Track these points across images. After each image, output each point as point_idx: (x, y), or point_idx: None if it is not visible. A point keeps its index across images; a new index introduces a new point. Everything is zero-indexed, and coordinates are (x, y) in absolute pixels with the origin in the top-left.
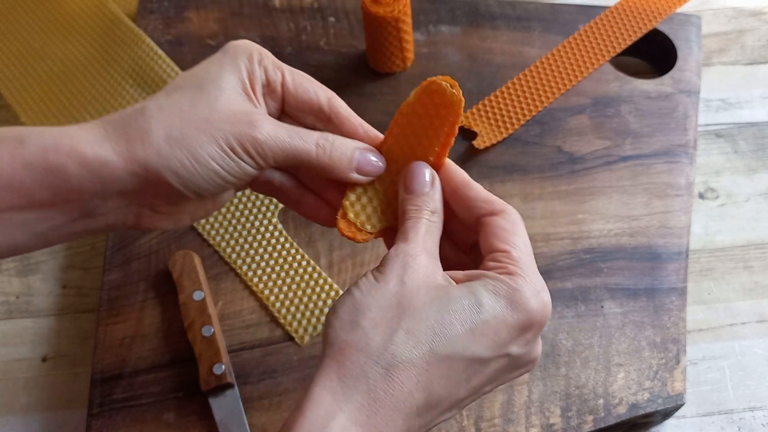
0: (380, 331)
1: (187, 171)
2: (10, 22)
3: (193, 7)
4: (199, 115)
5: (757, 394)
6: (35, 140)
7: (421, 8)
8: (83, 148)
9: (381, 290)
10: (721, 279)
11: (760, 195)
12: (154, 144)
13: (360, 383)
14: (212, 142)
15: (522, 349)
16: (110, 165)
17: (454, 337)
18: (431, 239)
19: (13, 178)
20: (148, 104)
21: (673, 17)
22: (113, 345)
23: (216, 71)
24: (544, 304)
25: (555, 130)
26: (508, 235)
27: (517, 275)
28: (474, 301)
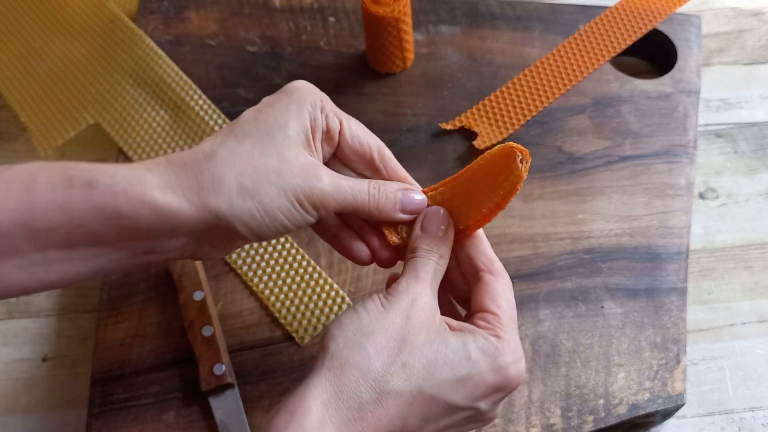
0: (381, 358)
1: (255, 221)
2: (10, 22)
3: (193, 7)
4: (269, 166)
5: (757, 394)
6: (106, 184)
7: (421, 8)
8: (154, 194)
9: (388, 319)
10: (721, 279)
11: (760, 195)
12: (226, 194)
13: (353, 401)
14: (282, 195)
15: (489, 406)
16: (181, 212)
17: (442, 381)
18: (436, 282)
19: (83, 220)
20: (219, 150)
21: (673, 17)
22: (113, 345)
23: (283, 118)
24: (520, 373)
25: (555, 130)
26: (499, 299)
27: (502, 339)
28: (464, 354)
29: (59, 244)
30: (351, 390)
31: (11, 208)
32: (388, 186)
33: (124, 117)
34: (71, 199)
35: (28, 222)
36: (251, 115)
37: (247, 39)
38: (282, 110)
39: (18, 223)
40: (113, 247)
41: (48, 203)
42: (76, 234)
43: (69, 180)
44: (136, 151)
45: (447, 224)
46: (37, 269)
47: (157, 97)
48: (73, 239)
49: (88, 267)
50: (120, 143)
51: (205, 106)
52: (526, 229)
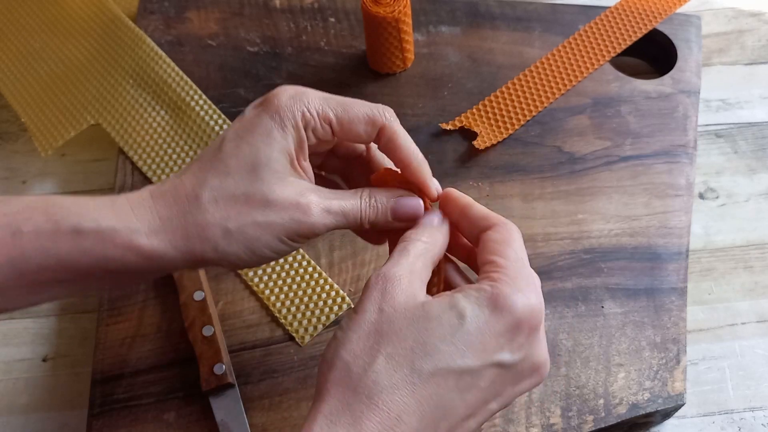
0: (360, 361)
1: (241, 260)
2: (10, 22)
3: (194, 7)
4: (255, 206)
5: (758, 394)
6: (92, 232)
7: (421, 8)
8: (140, 241)
9: (359, 321)
10: (721, 279)
11: (760, 195)
12: (211, 240)
13: (344, 417)
14: (269, 234)
15: (515, 354)
16: (167, 257)
17: (435, 353)
18: (422, 261)
19: (70, 263)
20: (202, 193)
21: (673, 17)
22: (114, 345)
23: (266, 152)
24: (531, 305)
25: (555, 130)
26: (498, 246)
27: (499, 281)
28: (454, 314)
29: (48, 281)
30: (339, 408)
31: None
32: (379, 196)
33: (125, 117)
34: (58, 244)
35: (17, 265)
36: (232, 145)
37: (248, 39)
38: (263, 139)
39: (8, 267)
40: (99, 284)
41: (36, 249)
42: (65, 273)
43: (55, 225)
44: (136, 151)
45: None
46: (24, 300)
47: (157, 97)
48: (61, 277)
49: (78, 292)
50: (120, 143)
51: (205, 107)
52: (526, 229)
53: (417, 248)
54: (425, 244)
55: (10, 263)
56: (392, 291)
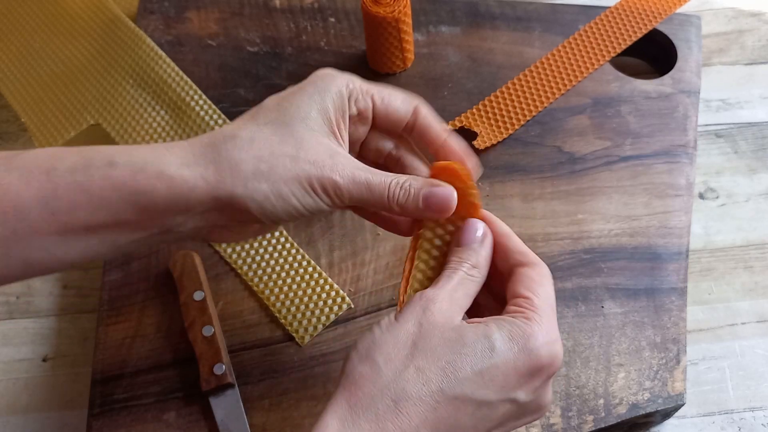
0: (392, 366)
1: (269, 203)
2: (10, 22)
3: (194, 7)
4: (287, 153)
5: (758, 394)
6: (125, 163)
7: (421, 8)
8: (171, 171)
9: (398, 329)
10: (721, 279)
11: (760, 195)
12: (241, 175)
13: (369, 412)
14: (295, 180)
15: (530, 396)
16: (197, 189)
17: (463, 379)
18: (463, 290)
19: (102, 200)
20: (239, 134)
21: (673, 17)
22: (114, 345)
23: (305, 109)
24: (555, 354)
25: (555, 130)
26: (533, 284)
27: (533, 321)
28: (487, 345)
29: (79, 226)
30: (366, 403)
31: (32, 192)
32: (414, 182)
33: (125, 117)
34: (91, 178)
35: (49, 204)
36: (274, 102)
37: (248, 39)
38: (305, 100)
39: (39, 206)
40: (131, 228)
41: (68, 184)
42: (96, 214)
43: (89, 161)
44: None
45: (483, 233)
46: (58, 249)
47: (157, 97)
48: (93, 220)
49: (107, 248)
50: (120, 143)
51: (205, 107)
52: (526, 229)
53: (459, 276)
54: (467, 275)
55: (43, 200)
56: (433, 309)
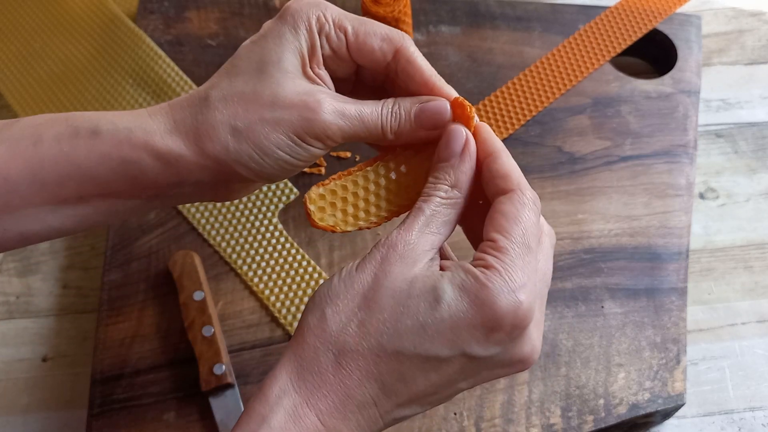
0: (338, 319)
1: (256, 163)
2: (10, 22)
3: (193, 7)
4: (263, 103)
5: (758, 394)
6: (109, 132)
7: (421, 8)
8: (156, 141)
9: (355, 279)
10: (721, 279)
11: (760, 195)
12: (221, 139)
13: (312, 365)
14: (278, 132)
15: (490, 350)
16: (183, 159)
17: (404, 333)
18: (438, 221)
19: (90, 170)
20: (211, 93)
21: (673, 17)
22: (113, 345)
23: (277, 50)
24: (516, 305)
25: (555, 130)
26: (504, 221)
27: (493, 269)
28: (432, 297)
29: (70, 196)
30: (310, 355)
31: (20, 163)
32: (403, 102)
33: None
34: (77, 149)
35: (37, 175)
36: (246, 49)
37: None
38: (275, 41)
39: (28, 177)
40: (125, 196)
41: (55, 155)
42: (86, 185)
43: (75, 130)
44: None
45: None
46: (52, 219)
47: (157, 97)
48: (83, 190)
49: (103, 215)
50: None
51: None
52: None
53: (433, 205)
54: (442, 200)
55: (31, 172)
56: (391, 258)
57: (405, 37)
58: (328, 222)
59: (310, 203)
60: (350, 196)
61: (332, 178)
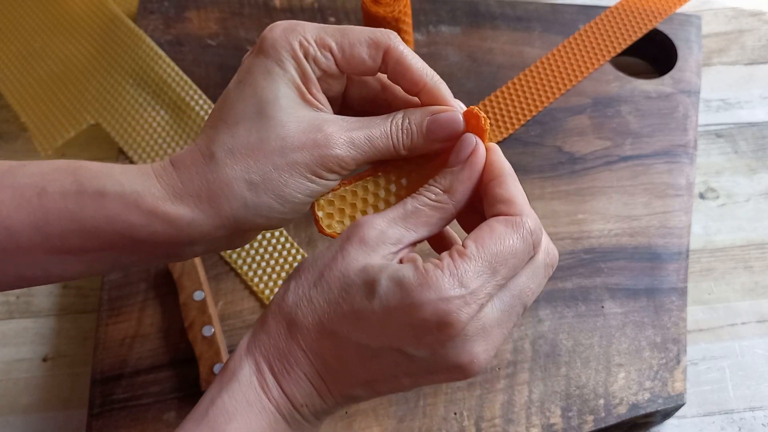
0: (297, 292)
1: (276, 212)
2: (10, 22)
3: (193, 7)
4: (272, 150)
5: (758, 394)
6: (116, 195)
7: (421, 8)
8: (167, 208)
9: (321, 256)
10: (721, 279)
11: (760, 195)
12: (238, 197)
13: (270, 331)
14: (295, 176)
15: (421, 351)
16: (196, 222)
17: (341, 317)
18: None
19: (96, 229)
20: (216, 151)
21: (673, 17)
22: (113, 345)
23: (269, 88)
24: (442, 313)
25: (555, 130)
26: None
27: (439, 270)
28: (369, 288)
29: (74, 249)
30: (269, 322)
31: (24, 215)
32: (413, 116)
33: (124, 117)
34: (83, 208)
35: (41, 228)
36: (236, 93)
37: (248, 39)
38: (264, 78)
39: (32, 228)
40: (129, 252)
41: (60, 210)
42: (91, 241)
43: (80, 187)
44: (136, 151)
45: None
46: (53, 267)
47: (157, 97)
48: (88, 246)
49: (108, 266)
50: (120, 143)
51: (205, 106)
52: None
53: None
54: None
55: (34, 224)
56: (351, 240)
57: (391, 36)
58: (335, 229)
59: (318, 209)
60: (359, 202)
61: (342, 183)
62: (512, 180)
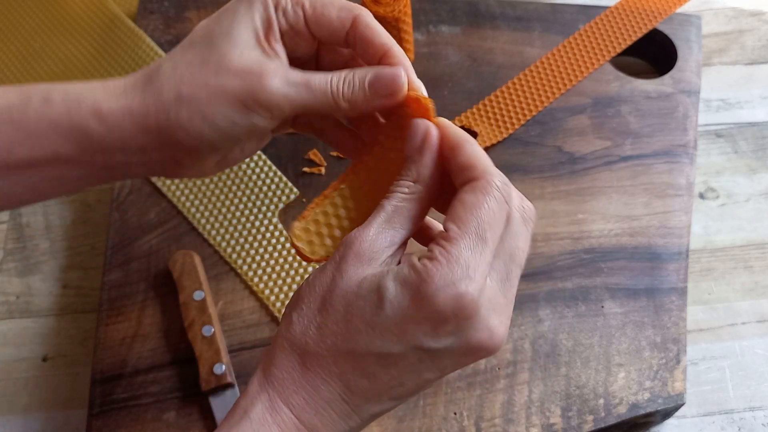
0: (302, 322)
1: (195, 128)
2: (10, 22)
3: (193, 7)
4: (208, 71)
5: (758, 394)
6: (60, 100)
7: (421, 8)
8: (102, 106)
9: (315, 282)
10: (721, 279)
11: (760, 195)
12: (165, 103)
13: (281, 365)
14: (221, 100)
15: (441, 342)
16: (126, 122)
17: (355, 333)
18: (399, 219)
19: (39, 136)
20: (163, 64)
21: (673, 17)
22: (113, 345)
23: (228, 24)
24: (457, 297)
25: (555, 130)
26: (462, 211)
27: (435, 261)
28: (377, 296)
29: (19, 163)
30: (278, 356)
31: None
32: (358, 71)
33: None
34: (27, 115)
35: None
36: (203, 24)
37: None
38: (229, 16)
39: None
40: (72, 165)
41: (5, 123)
42: (34, 151)
43: (27, 99)
44: None
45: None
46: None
47: None
48: (31, 157)
49: (54, 183)
50: None
51: None
52: None
53: (395, 201)
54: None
55: None
56: (347, 258)
57: (362, 8)
58: (320, 253)
59: (297, 241)
60: (334, 219)
61: (310, 207)
62: (469, 145)
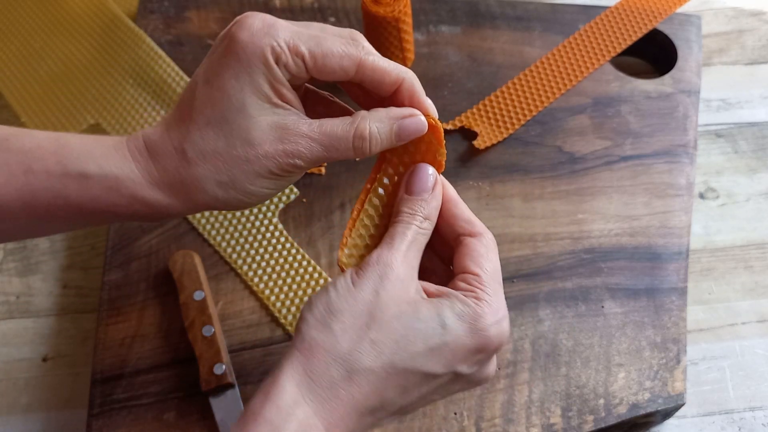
0: (348, 336)
1: (245, 204)
2: (11, 22)
3: (193, 7)
4: (238, 156)
5: (758, 394)
6: (98, 177)
7: (421, 8)
8: (144, 193)
9: (355, 297)
10: (721, 279)
11: (760, 195)
12: (209, 193)
13: (324, 380)
14: (260, 177)
15: (472, 368)
16: (173, 207)
17: (415, 354)
18: (415, 248)
19: (81, 207)
20: (187, 149)
21: (673, 17)
22: (113, 345)
23: (237, 97)
24: (502, 333)
25: (555, 130)
26: (481, 259)
27: (482, 301)
28: (439, 323)
29: (58, 219)
30: (321, 370)
31: (12, 192)
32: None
33: (124, 117)
34: (68, 189)
35: (28, 203)
36: (204, 93)
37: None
38: (233, 84)
39: (20, 203)
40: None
41: (45, 189)
42: (76, 217)
43: (64, 168)
44: None
45: (434, 181)
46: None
47: (157, 97)
48: (72, 217)
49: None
50: None
51: None
52: (527, 229)
53: (413, 232)
54: (419, 229)
55: (22, 200)
56: (390, 277)
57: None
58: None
59: (346, 268)
60: (369, 239)
61: (346, 232)
62: (462, 202)
